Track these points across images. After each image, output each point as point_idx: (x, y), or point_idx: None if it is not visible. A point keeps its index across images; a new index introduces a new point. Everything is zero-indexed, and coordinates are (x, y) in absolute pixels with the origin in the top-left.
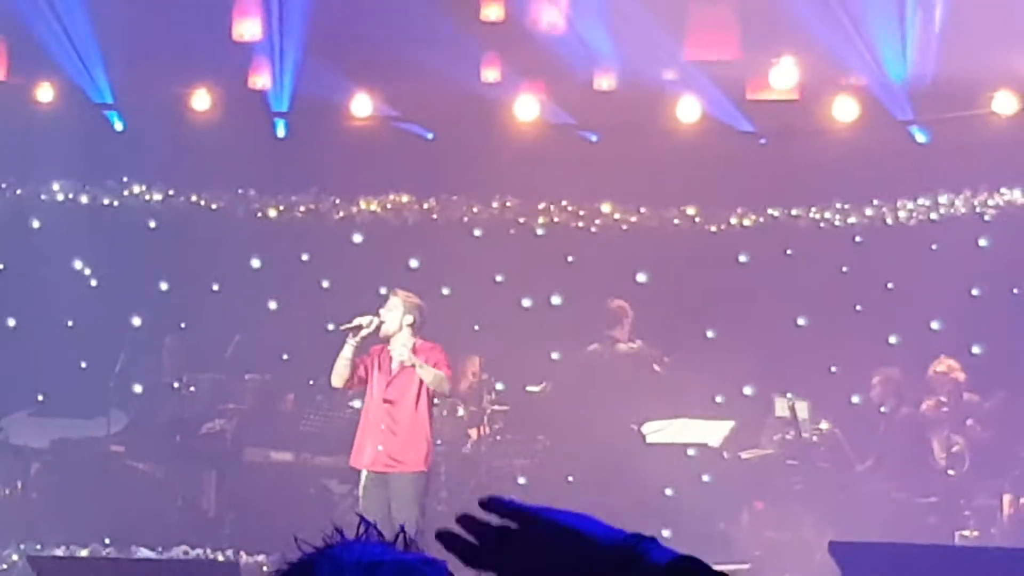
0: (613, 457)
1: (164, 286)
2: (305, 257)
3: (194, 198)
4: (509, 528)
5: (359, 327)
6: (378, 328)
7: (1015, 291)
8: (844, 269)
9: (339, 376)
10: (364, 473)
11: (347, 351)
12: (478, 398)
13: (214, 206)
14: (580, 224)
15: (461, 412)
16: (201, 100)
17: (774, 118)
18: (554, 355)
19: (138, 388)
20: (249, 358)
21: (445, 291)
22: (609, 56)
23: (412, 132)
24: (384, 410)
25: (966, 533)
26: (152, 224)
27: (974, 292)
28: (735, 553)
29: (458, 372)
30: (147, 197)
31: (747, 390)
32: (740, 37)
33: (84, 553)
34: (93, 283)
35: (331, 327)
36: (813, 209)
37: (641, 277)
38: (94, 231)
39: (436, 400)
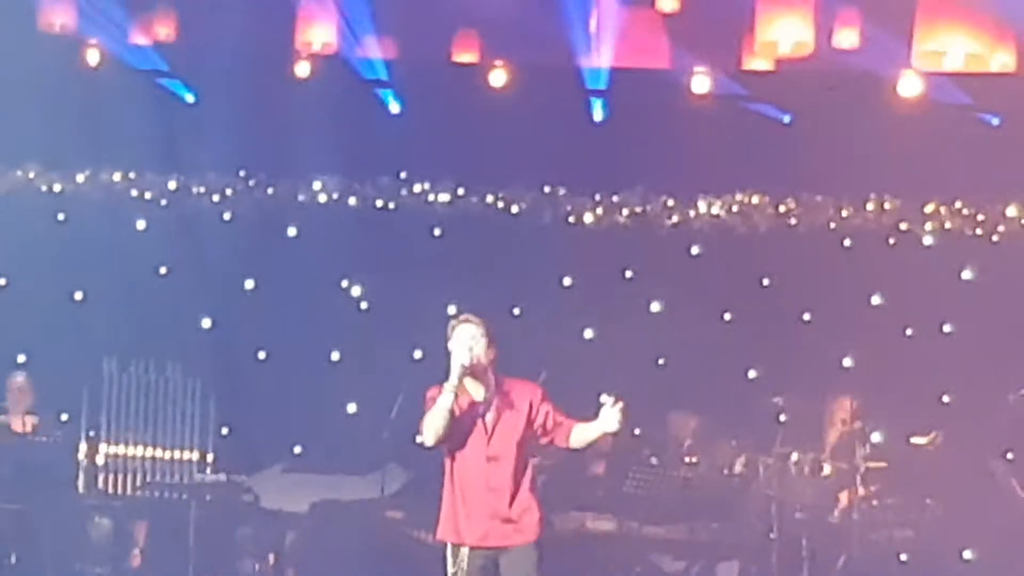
0: (1022, 528)
1: (452, 309)
2: (629, 273)
3: (489, 199)
4: None
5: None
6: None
7: None
8: None
9: (438, 432)
10: (464, 551)
11: (449, 399)
12: (849, 452)
13: (514, 209)
14: (979, 231)
15: (827, 470)
16: (497, 76)
17: None
18: (946, 398)
19: (420, 439)
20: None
21: (806, 317)
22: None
23: (765, 115)
24: (488, 469)
25: None
26: (437, 232)
27: None
28: None
29: (823, 419)
30: (430, 198)
31: None
32: None
33: None
34: (363, 306)
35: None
36: None
37: None
38: (365, 241)
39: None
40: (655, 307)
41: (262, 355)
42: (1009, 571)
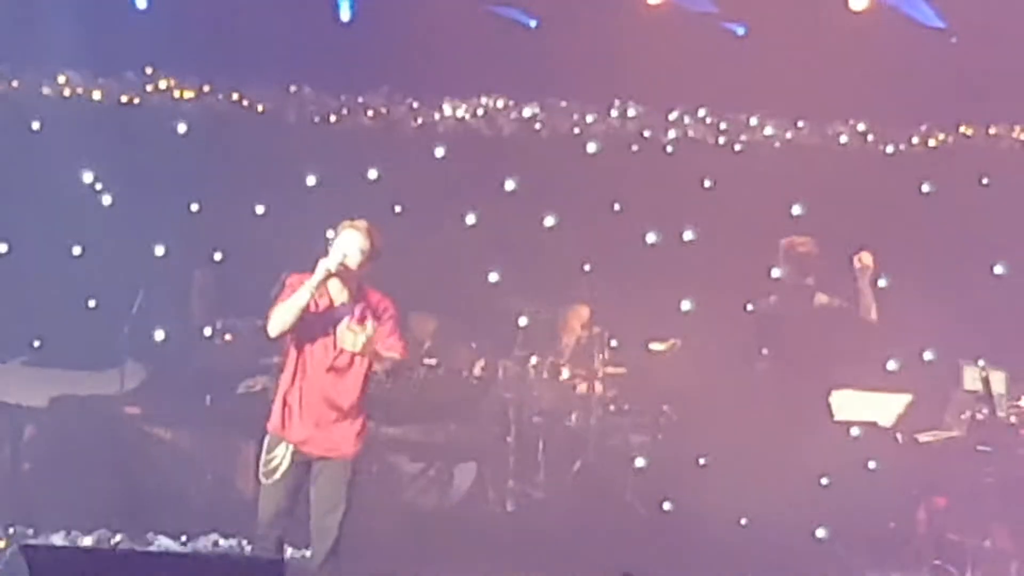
0: (755, 435)
1: (195, 207)
2: (373, 174)
3: (235, 97)
4: None
5: (331, 271)
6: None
7: None
8: None
9: (284, 326)
10: (290, 447)
11: (305, 297)
12: (587, 358)
13: (259, 108)
14: (721, 140)
15: (565, 375)
16: None
17: (971, 10)
18: (685, 305)
19: (160, 335)
20: None
21: (549, 221)
22: None
23: (511, 19)
24: (328, 379)
25: None
26: (182, 128)
27: None
28: (909, 560)
29: (562, 324)
30: (176, 94)
31: (928, 355)
32: None
33: (88, 542)
34: (106, 201)
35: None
36: (1017, 128)
37: (797, 209)
38: (109, 136)
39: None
40: (397, 208)
41: (3, 248)
42: (742, 477)
